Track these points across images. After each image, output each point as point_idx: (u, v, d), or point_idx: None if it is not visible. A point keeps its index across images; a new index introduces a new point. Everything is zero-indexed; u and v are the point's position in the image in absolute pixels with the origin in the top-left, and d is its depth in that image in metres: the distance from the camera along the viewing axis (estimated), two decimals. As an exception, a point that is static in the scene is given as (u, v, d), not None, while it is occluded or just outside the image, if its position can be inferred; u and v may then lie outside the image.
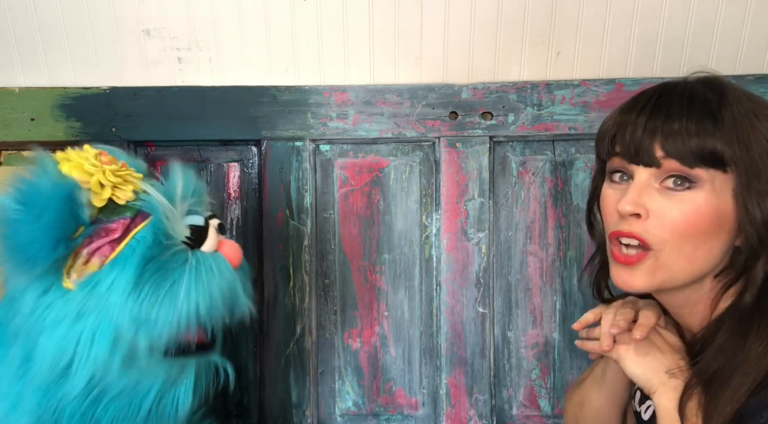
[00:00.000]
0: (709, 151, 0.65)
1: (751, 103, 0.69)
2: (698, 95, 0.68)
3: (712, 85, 0.70)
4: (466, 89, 1.04)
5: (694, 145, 0.65)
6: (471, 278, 1.05)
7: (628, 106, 0.72)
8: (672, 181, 0.67)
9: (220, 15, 1.02)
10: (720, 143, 0.65)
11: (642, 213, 0.67)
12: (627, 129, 0.69)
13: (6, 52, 1.04)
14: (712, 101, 0.68)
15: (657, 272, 0.68)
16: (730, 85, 0.71)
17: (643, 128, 0.68)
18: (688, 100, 0.68)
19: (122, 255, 0.67)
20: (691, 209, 0.66)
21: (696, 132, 0.65)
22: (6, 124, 1.03)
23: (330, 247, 1.08)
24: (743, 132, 0.66)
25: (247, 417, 1.08)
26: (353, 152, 1.07)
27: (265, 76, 1.05)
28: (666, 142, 0.66)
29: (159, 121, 1.04)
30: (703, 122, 0.66)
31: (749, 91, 0.72)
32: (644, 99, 0.71)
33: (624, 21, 1.02)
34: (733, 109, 0.67)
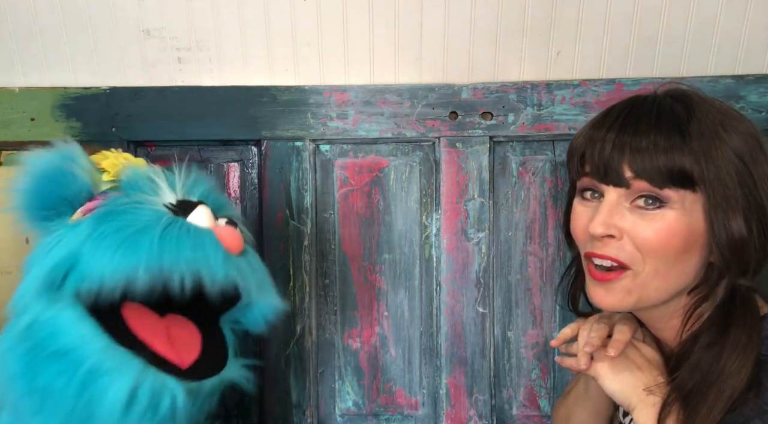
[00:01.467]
0: (677, 170, 0.65)
1: (719, 115, 0.68)
2: (666, 110, 0.68)
3: (681, 98, 0.70)
4: (466, 89, 1.04)
5: (663, 165, 0.65)
6: (471, 278, 1.05)
7: (598, 122, 0.71)
8: (642, 200, 0.67)
9: (220, 15, 1.02)
10: (688, 161, 0.65)
11: (615, 234, 0.67)
12: (596, 147, 0.69)
13: (6, 52, 1.04)
14: (680, 116, 0.67)
15: (633, 291, 0.68)
16: (697, 97, 0.70)
17: (611, 146, 0.67)
18: (656, 116, 0.67)
19: (100, 205, 0.74)
20: (663, 228, 0.65)
21: (664, 149, 0.65)
22: (6, 124, 1.03)
23: (330, 247, 1.08)
24: (711, 148, 0.65)
25: (247, 417, 1.08)
26: (353, 152, 1.07)
27: (265, 76, 1.05)
28: (634, 161, 0.65)
29: (159, 121, 1.04)
30: (671, 139, 0.65)
31: (718, 101, 0.72)
32: (613, 114, 0.70)
33: (624, 21, 1.02)
34: (701, 123, 0.66)
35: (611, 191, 0.68)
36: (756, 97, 1.02)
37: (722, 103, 0.72)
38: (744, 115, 0.73)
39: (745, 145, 0.67)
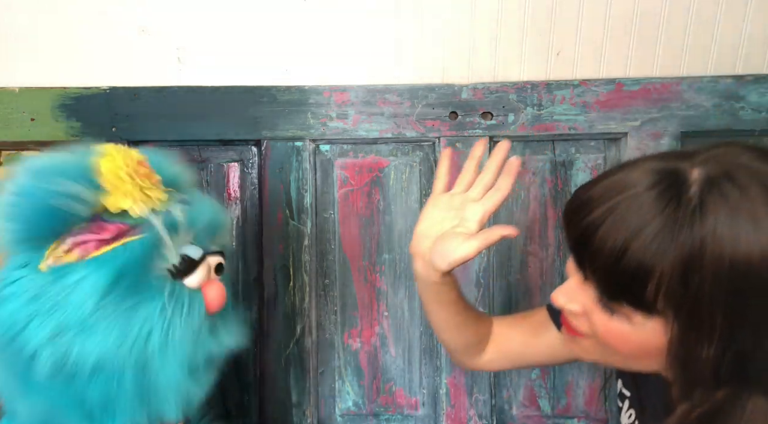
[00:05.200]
0: (637, 297, 0.53)
1: (727, 213, 0.50)
2: (648, 205, 0.52)
3: (678, 190, 0.52)
4: (466, 89, 1.04)
5: (619, 284, 0.54)
6: (471, 278, 1.05)
7: (574, 196, 0.61)
8: (599, 301, 0.58)
9: (220, 15, 1.02)
10: (653, 286, 0.52)
11: (574, 310, 0.61)
12: (568, 229, 0.60)
13: (6, 52, 1.04)
14: (685, 218, 0.51)
15: (599, 357, 0.63)
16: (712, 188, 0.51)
17: (574, 240, 0.59)
18: (635, 210, 0.52)
19: (103, 257, 0.66)
20: (616, 332, 0.57)
21: (620, 263, 0.52)
22: (6, 124, 1.03)
23: (330, 247, 1.08)
24: (693, 269, 0.50)
25: (247, 417, 1.08)
26: (353, 152, 1.07)
27: (265, 76, 1.05)
28: (592, 264, 0.56)
29: (159, 121, 1.04)
30: (648, 258, 0.51)
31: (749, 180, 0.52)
32: (617, 189, 0.56)
33: (624, 21, 1.02)
34: (692, 232, 0.50)
35: (578, 271, 0.60)
36: (756, 97, 1.02)
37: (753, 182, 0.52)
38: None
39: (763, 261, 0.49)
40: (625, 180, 0.55)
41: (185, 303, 0.69)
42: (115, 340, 0.65)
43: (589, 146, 1.07)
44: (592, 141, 1.06)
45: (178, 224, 0.70)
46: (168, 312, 0.67)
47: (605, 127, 1.03)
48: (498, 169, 0.74)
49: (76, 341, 0.64)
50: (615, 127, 1.03)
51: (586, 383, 1.08)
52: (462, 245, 0.69)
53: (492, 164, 0.74)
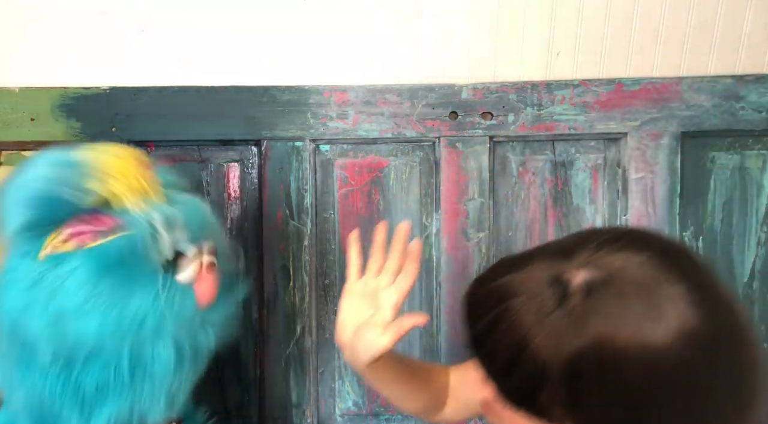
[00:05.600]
0: (530, 397, 0.52)
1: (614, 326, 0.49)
2: (535, 314, 0.52)
3: (562, 298, 0.51)
4: (466, 89, 1.04)
5: (511, 389, 0.53)
6: (471, 278, 1.04)
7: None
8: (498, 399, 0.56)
9: (220, 14, 1.02)
10: (546, 394, 0.51)
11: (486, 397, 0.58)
12: (464, 319, 0.59)
13: (6, 52, 1.04)
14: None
15: None
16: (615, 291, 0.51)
17: (472, 335, 0.57)
18: (524, 319, 0.52)
19: (99, 248, 0.68)
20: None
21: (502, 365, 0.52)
22: (6, 124, 1.03)
23: (330, 247, 1.08)
24: (581, 377, 0.50)
25: (247, 417, 1.08)
26: (353, 152, 1.07)
27: (265, 76, 1.05)
28: (486, 367, 0.55)
29: (159, 121, 1.04)
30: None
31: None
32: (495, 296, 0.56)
33: (624, 21, 1.02)
34: (576, 340, 0.49)
35: (478, 367, 0.58)
36: (756, 97, 1.02)
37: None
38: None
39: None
40: (515, 284, 0.54)
41: (177, 295, 0.72)
42: (110, 326, 0.67)
43: (589, 146, 1.07)
44: (592, 141, 1.06)
45: (174, 221, 0.73)
46: (161, 302, 0.70)
47: (605, 127, 1.03)
48: (402, 253, 0.76)
49: (73, 326, 0.66)
50: (615, 127, 1.03)
51: (586, 383, 1.08)
52: (378, 338, 0.70)
53: (395, 249, 0.76)
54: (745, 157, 1.07)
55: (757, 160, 1.07)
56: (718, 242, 1.08)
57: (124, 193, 0.71)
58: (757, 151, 1.06)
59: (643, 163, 1.04)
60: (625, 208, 1.05)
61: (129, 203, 0.71)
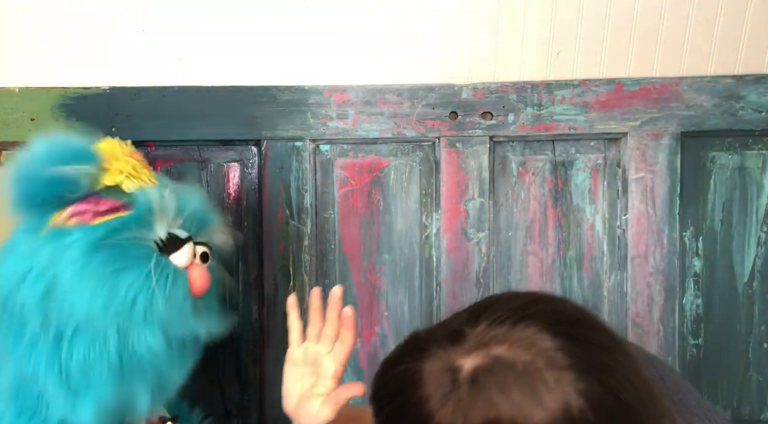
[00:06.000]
0: None
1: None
2: (429, 408, 0.53)
3: (451, 389, 0.53)
4: (466, 89, 1.04)
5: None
6: (471, 278, 1.05)
7: None
8: None
9: (220, 14, 1.02)
10: None
11: None
12: (371, 405, 0.60)
13: (6, 52, 1.04)
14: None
15: None
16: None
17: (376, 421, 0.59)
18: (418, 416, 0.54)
19: (97, 226, 0.71)
20: None
21: None
22: (6, 124, 1.03)
23: (330, 247, 1.08)
24: None
25: (247, 417, 1.08)
26: (353, 152, 1.07)
27: (265, 76, 1.05)
28: None
29: (159, 121, 1.04)
30: None
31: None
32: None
33: (624, 21, 1.02)
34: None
35: None
36: (756, 97, 1.02)
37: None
38: None
39: None
40: (417, 372, 0.55)
41: (170, 276, 0.73)
42: (102, 301, 0.69)
43: (589, 146, 1.07)
44: (592, 141, 1.06)
45: (167, 205, 0.76)
46: (153, 281, 0.71)
47: (605, 127, 1.03)
48: (338, 318, 0.76)
49: (64, 298, 0.68)
50: (615, 127, 1.03)
51: (586, 383, 1.08)
52: (319, 410, 0.72)
53: (331, 315, 0.77)
54: (745, 157, 1.07)
55: (757, 160, 1.07)
56: (718, 242, 1.08)
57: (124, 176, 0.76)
58: (757, 151, 1.06)
59: (643, 163, 1.04)
60: (625, 208, 1.05)
61: (128, 186, 0.76)
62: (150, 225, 0.74)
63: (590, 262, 1.07)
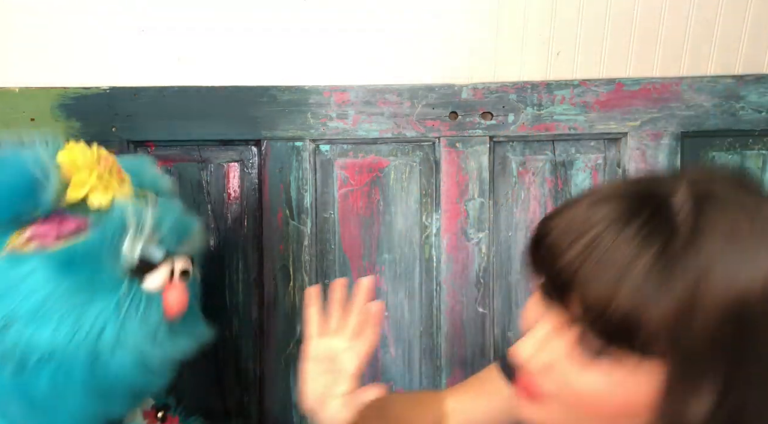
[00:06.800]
0: (637, 328, 0.45)
1: (721, 239, 0.45)
2: (664, 228, 0.46)
3: (696, 210, 0.46)
4: (466, 89, 1.04)
5: (620, 313, 0.45)
6: (471, 278, 1.05)
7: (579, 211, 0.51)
8: (583, 342, 0.50)
9: (220, 14, 1.02)
10: (657, 321, 0.44)
11: (544, 366, 0.53)
12: (540, 261, 0.53)
13: (6, 52, 1.04)
14: (676, 240, 0.45)
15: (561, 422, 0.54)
16: (724, 210, 0.47)
17: (552, 274, 0.50)
18: (644, 235, 0.46)
19: (60, 252, 0.65)
20: (598, 385, 0.49)
21: (628, 293, 0.45)
22: (6, 124, 1.03)
23: (330, 247, 1.08)
24: (700, 299, 0.44)
25: (247, 417, 1.08)
26: (353, 152, 1.07)
27: (265, 76, 1.05)
28: (586, 293, 0.47)
29: (159, 121, 1.04)
30: (648, 280, 0.45)
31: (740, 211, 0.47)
32: (602, 211, 0.49)
33: (624, 21, 1.02)
34: (686, 269, 0.44)
35: (553, 314, 0.52)
36: (756, 97, 1.02)
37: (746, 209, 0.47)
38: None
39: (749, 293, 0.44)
40: (601, 209, 0.48)
41: (142, 303, 0.68)
42: (66, 333, 0.64)
43: (589, 146, 1.07)
44: (592, 141, 1.06)
45: (142, 222, 0.69)
46: (123, 310, 0.66)
47: (605, 127, 1.03)
48: (363, 311, 0.72)
49: (26, 330, 0.63)
50: (615, 127, 1.03)
51: (586, 383, 1.08)
52: (339, 410, 0.69)
53: (356, 308, 0.73)
54: (745, 157, 1.07)
55: (757, 160, 1.07)
56: (718, 242, 1.08)
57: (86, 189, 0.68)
58: (757, 151, 1.06)
59: (643, 163, 1.04)
60: (625, 208, 1.05)
61: (93, 201, 0.69)
62: (119, 246, 0.68)
63: (590, 262, 1.07)
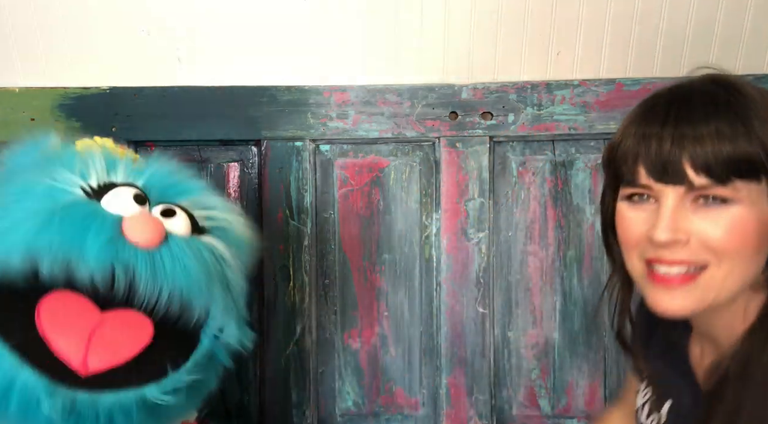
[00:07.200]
0: (745, 160, 0.59)
1: (765, 99, 0.63)
2: (719, 96, 0.62)
3: (726, 85, 0.64)
4: (466, 89, 1.04)
5: (728, 156, 0.59)
6: (471, 278, 1.05)
7: (646, 117, 0.64)
8: (706, 198, 0.60)
9: (220, 15, 1.02)
10: (753, 149, 0.59)
11: (682, 238, 0.61)
12: (652, 144, 0.62)
13: (6, 52, 1.04)
14: (735, 101, 0.61)
15: (704, 296, 0.62)
16: (740, 82, 0.65)
17: (671, 141, 0.60)
18: (712, 103, 0.61)
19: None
20: (734, 226, 0.60)
21: (729, 138, 0.59)
22: (6, 124, 1.03)
23: (330, 247, 1.08)
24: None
25: (247, 417, 1.08)
26: (353, 152, 1.07)
27: (265, 76, 1.05)
28: (697, 155, 0.59)
29: (159, 121, 1.04)
30: (734, 126, 0.60)
31: (756, 85, 0.66)
32: (661, 106, 0.63)
33: (624, 21, 1.02)
34: (758, 106, 0.61)
35: (670, 192, 0.61)
36: (756, 97, 1.02)
37: (759, 87, 0.66)
38: None
39: None
40: (700, 87, 0.64)
41: (85, 214, 0.66)
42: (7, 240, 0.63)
43: (589, 146, 1.07)
44: (592, 141, 1.06)
45: (114, 161, 0.74)
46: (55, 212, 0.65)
47: (605, 127, 1.03)
48: None
49: None
50: (615, 127, 1.03)
51: (586, 383, 1.08)
52: None
53: None
54: (745, 157, 1.07)
55: (757, 160, 1.07)
56: (718, 242, 1.08)
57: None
58: (757, 151, 1.06)
59: (643, 163, 1.04)
60: (625, 208, 1.05)
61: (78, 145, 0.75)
62: (80, 173, 0.70)
63: (590, 262, 1.07)
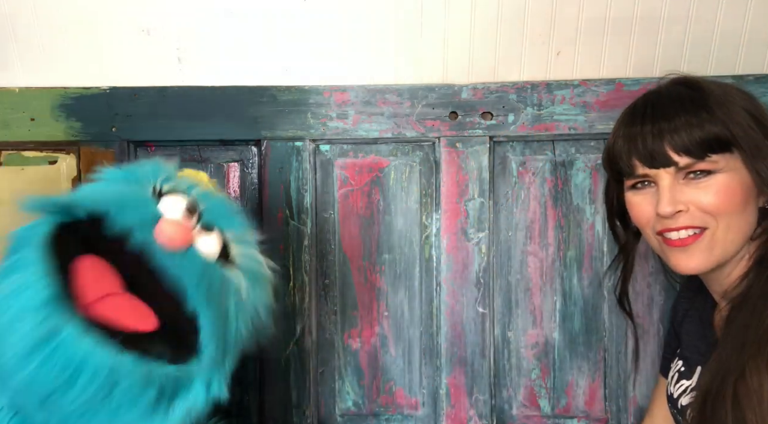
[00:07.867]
0: (713, 139, 0.74)
1: (720, 88, 0.79)
2: (683, 94, 0.78)
3: (688, 83, 0.80)
4: (466, 89, 1.04)
5: (699, 138, 0.74)
6: (471, 278, 1.05)
7: (629, 120, 0.80)
8: (693, 173, 0.76)
9: (219, 15, 1.02)
10: (719, 129, 0.75)
11: (682, 208, 0.76)
12: (638, 141, 0.78)
13: (6, 52, 1.04)
14: (695, 95, 0.77)
15: (713, 249, 0.76)
16: (700, 79, 0.81)
17: (651, 136, 0.76)
18: (678, 100, 0.77)
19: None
20: (719, 191, 0.75)
21: (697, 125, 0.75)
22: (6, 124, 1.04)
23: (330, 247, 1.08)
24: (731, 112, 0.76)
25: (247, 417, 1.08)
26: (353, 152, 1.07)
27: (265, 76, 1.05)
28: (674, 141, 0.75)
29: (159, 121, 1.04)
30: (699, 115, 0.75)
31: (712, 79, 0.83)
32: (640, 109, 0.80)
33: (624, 21, 1.02)
34: (714, 95, 0.77)
35: (664, 174, 0.76)
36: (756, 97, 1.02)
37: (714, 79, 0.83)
38: (732, 83, 0.88)
39: (750, 103, 0.78)
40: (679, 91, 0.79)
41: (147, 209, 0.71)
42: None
43: (589, 146, 1.07)
44: (592, 141, 1.06)
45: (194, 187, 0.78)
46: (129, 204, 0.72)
47: (605, 127, 1.03)
48: None
49: None
50: (615, 127, 1.03)
51: (586, 383, 1.08)
52: None
53: None
54: (745, 157, 1.07)
55: (757, 160, 1.07)
56: (718, 242, 1.08)
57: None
58: (757, 151, 1.06)
59: (643, 163, 1.04)
60: (625, 208, 1.05)
61: None
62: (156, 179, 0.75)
63: (590, 262, 1.07)
